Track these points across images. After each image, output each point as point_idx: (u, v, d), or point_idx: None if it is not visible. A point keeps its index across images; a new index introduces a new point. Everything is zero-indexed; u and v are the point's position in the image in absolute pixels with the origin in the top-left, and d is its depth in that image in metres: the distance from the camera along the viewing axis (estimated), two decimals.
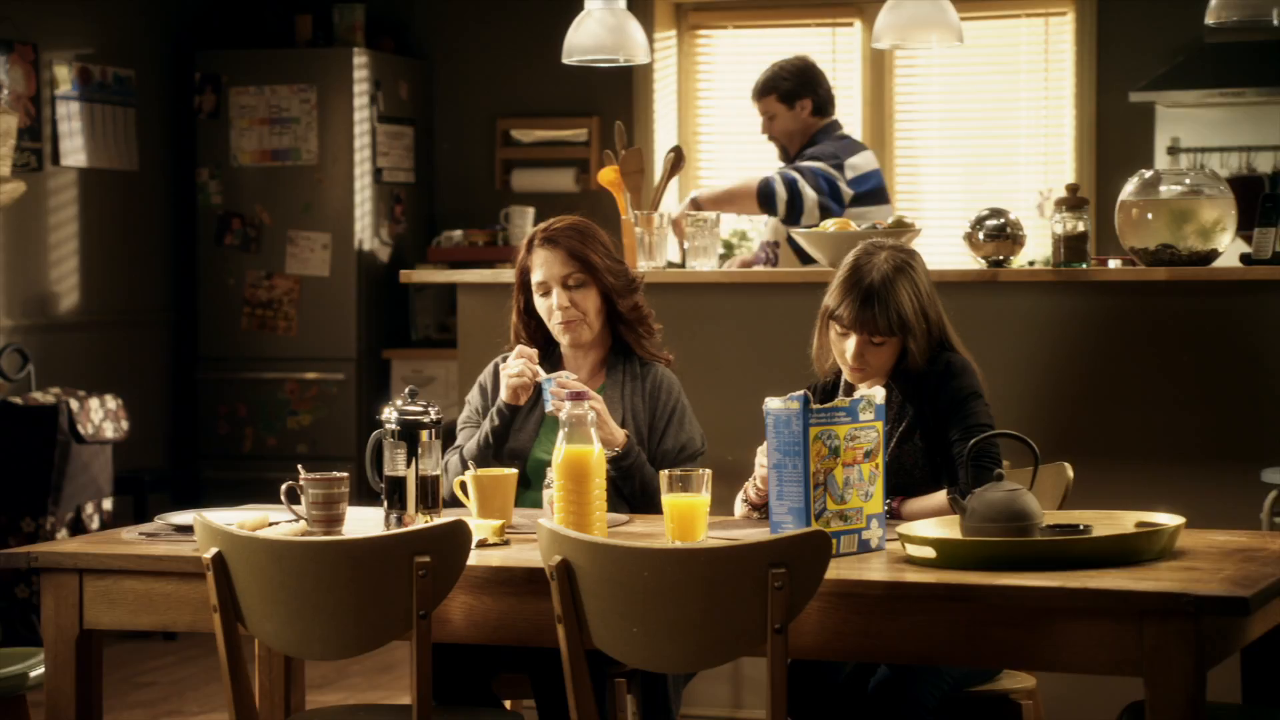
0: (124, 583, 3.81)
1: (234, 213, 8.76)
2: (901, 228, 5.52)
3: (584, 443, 3.83)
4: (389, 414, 4.06)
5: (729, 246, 8.42)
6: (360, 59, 8.66)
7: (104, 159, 8.41)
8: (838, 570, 3.51)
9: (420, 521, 4.01)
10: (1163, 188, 5.40)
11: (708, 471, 3.83)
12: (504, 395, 4.51)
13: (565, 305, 4.54)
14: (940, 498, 4.10)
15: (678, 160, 5.94)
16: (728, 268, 6.59)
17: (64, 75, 8.21)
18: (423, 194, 9.07)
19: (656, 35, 8.86)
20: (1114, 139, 8.32)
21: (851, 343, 4.20)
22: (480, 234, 8.69)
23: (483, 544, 3.85)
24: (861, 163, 6.61)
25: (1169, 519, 3.72)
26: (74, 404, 7.48)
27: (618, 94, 8.88)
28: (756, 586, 3.34)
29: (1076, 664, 3.37)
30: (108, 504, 7.65)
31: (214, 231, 8.80)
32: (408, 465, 4.04)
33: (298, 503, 4.01)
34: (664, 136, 8.90)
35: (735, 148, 8.97)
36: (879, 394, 3.80)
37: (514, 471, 4.14)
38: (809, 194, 6.36)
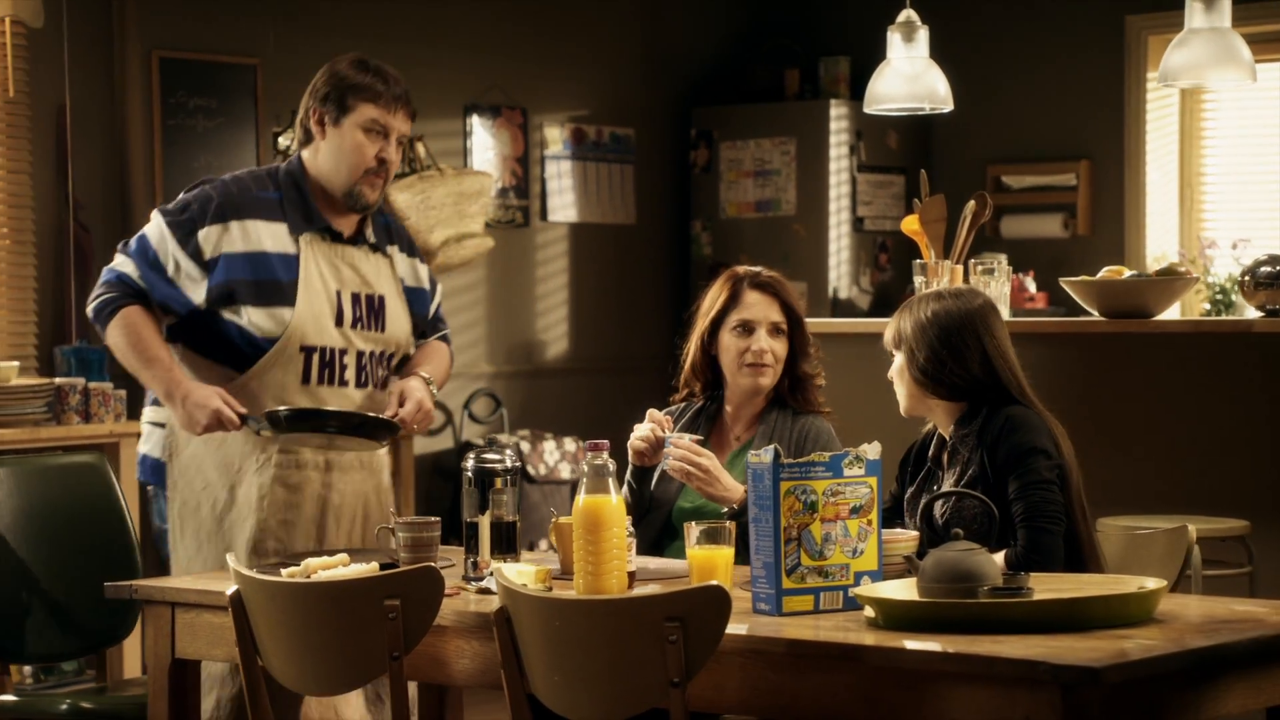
0: (203, 616, 4.12)
1: (721, 263, 8.97)
2: (1172, 275, 5.27)
3: (601, 491, 3.87)
4: (467, 462, 4.23)
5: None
6: (839, 110, 8.77)
7: (596, 213, 8.83)
8: (756, 627, 3.49)
9: (494, 566, 4.18)
10: None
11: (733, 524, 3.83)
12: (630, 456, 4.63)
13: (767, 349, 4.60)
14: (999, 557, 3.96)
15: (979, 209, 5.83)
16: None
17: (555, 136, 8.68)
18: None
19: (1150, 74, 8.61)
20: None
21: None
22: None
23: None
24: None
25: (1154, 583, 3.50)
26: (525, 445, 7.90)
27: (1109, 137, 8.68)
28: (655, 639, 3.35)
29: None
30: None
31: (704, 281, 9.05)
32: (481, 511, 4.20)
33: (390, 545, 4.23)
34: (1158, 179, 8.63)
35: (1239, 190, 8.61)
36: (873, 449, 3.71)
37: None
38: None
